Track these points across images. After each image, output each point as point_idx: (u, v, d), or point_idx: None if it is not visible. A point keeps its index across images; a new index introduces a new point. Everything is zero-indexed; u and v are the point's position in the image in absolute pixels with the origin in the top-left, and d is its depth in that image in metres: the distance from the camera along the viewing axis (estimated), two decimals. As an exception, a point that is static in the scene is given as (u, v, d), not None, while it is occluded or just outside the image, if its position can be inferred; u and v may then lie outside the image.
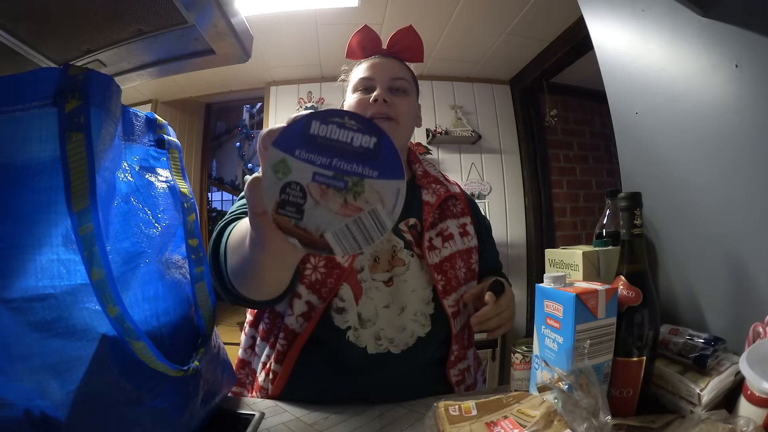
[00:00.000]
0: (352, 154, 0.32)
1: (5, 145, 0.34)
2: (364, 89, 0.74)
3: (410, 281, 0.66)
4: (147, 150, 0.51)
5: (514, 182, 2.96)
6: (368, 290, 0.65)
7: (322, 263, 0.64)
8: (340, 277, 0.63)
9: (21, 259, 0.34)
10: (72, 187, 0.34)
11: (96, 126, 0.36)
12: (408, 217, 0.72)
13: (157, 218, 0.48)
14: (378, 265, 0.66)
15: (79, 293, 0.35)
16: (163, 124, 0.53)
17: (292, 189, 0.31)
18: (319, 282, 0.63)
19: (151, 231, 0.46)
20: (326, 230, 0.32)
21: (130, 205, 0.45)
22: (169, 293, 0.47)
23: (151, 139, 0.51)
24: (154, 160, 0.51)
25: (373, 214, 0.32)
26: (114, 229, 0.42)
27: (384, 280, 0.66)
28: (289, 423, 0.55)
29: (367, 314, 0.64)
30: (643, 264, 0.52)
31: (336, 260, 0.64)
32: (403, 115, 0.74)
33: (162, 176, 0.51)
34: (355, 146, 0.32)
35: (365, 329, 0.63)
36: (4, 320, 0.34)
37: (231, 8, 0.58)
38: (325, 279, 0.63)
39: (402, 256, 0.67)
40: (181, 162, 0.54)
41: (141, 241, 0.45)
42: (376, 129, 0.32)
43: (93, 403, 0.37)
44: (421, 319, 0.65)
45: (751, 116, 0.53)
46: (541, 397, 0.48)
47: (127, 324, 0.35)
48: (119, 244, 0.42)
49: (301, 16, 2.14)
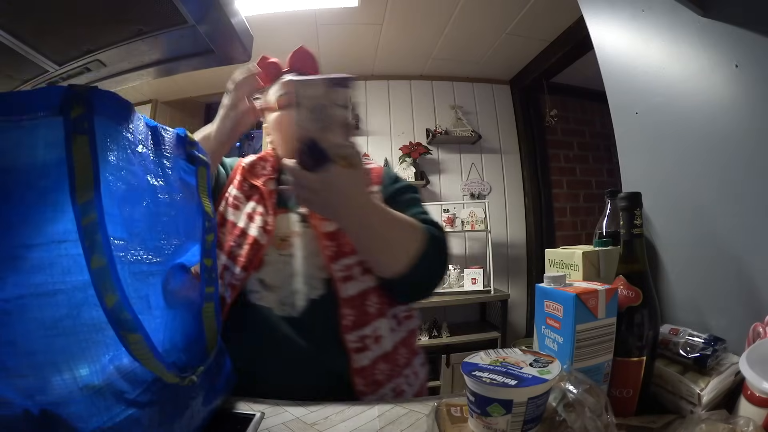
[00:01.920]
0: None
1: (11, 150, 0.35)
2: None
3: (303, 249, 0.72)
4: (180, 163, 0.52)
5: (514, 182, 2.96)
6: (272, 262, 0.72)
7: (243, 240, 0.73)
8: (259, 251, 0.71)
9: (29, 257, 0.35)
10: (76, 181, 0.34)
11: (101, 132, 0.37)
12: None
13: (182, 227, 0.50)
14: (287, 243, 0.74)
15: (89, 289, 0.35)
16: (193, 141, 0.55)
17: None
18: (240, 255, 0.72)
19: (173, 241, 0.48)
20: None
21: (160, 207, 0.46)
22: (178, 301, 0.48)
23: (182, 154, 0.53)
24: (185, 173, 0.53)
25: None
26: (140, 226, 0.43)
27: (289, 254, 0.73)
28: (289, 423, 0.55)
29: (272, 281, 0.71)
30: (643, 264, 0.52)
31: (254, 236, 0.72)
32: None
33: (189, 191, 0.53)
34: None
35: (269, 292, 0.70)
36: (13, 316, 0.34)
37: (231, 8, 0.58)
38: (246, 253, 0.71)
39: (297, 228, 0.74)
40: (208, 180, 0.55)
41: (163, 247, 0.46)
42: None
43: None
44: (313, 282, 0.70)
45: (751, 116, 0.53)
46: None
47: (125, 314, 0.35)
48: (148, 243, 0.43)
49: (301, 16, 2.14)
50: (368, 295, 0.70)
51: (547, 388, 0.40)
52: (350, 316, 0.67)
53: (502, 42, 2.48)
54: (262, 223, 0.74)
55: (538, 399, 0.40)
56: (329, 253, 0.70)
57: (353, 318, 0.67)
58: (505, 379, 0.40)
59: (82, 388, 0.36)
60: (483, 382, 0.40)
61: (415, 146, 2.84)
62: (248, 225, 0.75)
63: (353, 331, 0.67)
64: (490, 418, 0.40)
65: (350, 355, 0.66)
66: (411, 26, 2.29)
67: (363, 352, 0.67)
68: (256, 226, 0.74)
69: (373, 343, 0.68)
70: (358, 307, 0.68)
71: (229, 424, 0.54)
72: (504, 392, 0.39)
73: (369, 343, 0.67)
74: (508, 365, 0.43)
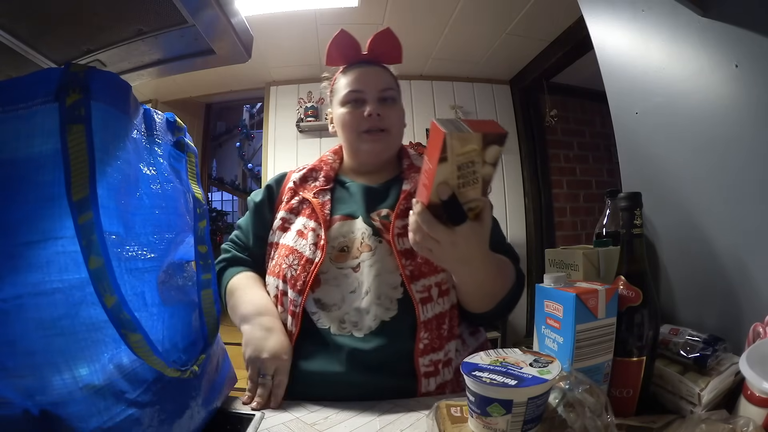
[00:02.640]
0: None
1: (10, 141, 0.35)
2: (354, 101, 0.78)
3: (375, 266, 0.67)
4: (170, 150, 0.51)
5: (514, 182, 2.96)
6: (330, 279, 0.67)
7: (295, 261, 0.68)
8: (312, 271, 0.66)
9: (26, 255, 0.34)
10: (72, 177, 0.34)
11: (98, 118, 0.36)
12: (382, 208, 0.73)
13: (174, 219, 0.49)
14: (346, 254, 0.69)
15: (87, 287, 0.35)
16: (182, 127, 0.54)
17: None
18: (294, 278, 0.67)
19: (167, 234, 0.47)
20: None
21: (153, 200, 0.45)
22: (175, 296, 0.48)
23: (170, 140, 0.52)
24: (174, 161, 0.52)
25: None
26: (134, 219, 0.42)
27: (352, 267, 0.68)
28: (289, 423, 0.55)
29: (330, 299, 0.66)
30: (643, 264, 0.52)
31: (306, 256, 0.68)
32: (395, 126, 0.80)
33: (179, 179, 0.52)
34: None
35: (328, 312, 0.66)
36: (11, 316, 0.34)
37: (231, 8, 0.58)
38: (299, 275, 0.67)
39: (369, 242, 0.69)
40: (196, 167, 0.55)
41: (157, 242, 0.45)
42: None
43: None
44: (385, 302, 0.65)
45: (751, 116, 0.53)
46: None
47: (124, 314, 0.35)
48: (142, 237, 0.43)
49: (301, 16, 2.14)
50: (444, 317, 0.66)
51: (547, 388, 0.40)
52: (426, 340, 0.64)
53: (502, 42, 2.48)
54: (314, 238, 0.69)
55: (538, 399, 0.40)
56: (408, 273, 0.66)
57: (428, 341, 0.64)
58: (505, 379, 0.40)
59: (82, 388, 0.36)
60: (483, 382, 0.40)
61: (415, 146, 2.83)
62: (298, 242, 0.70)
63: (427, 355, 0.64)
64: (490, 418, 0.40)
65: (420, 380, 0.63)
66: (411, 26, 2.29)
67: (433, 377, 0.64)
68: (307, 243, 0.69)
69: (443, 367, 0.65)
70: (434, 330, 0.65)
71: (229, 424, 0.54)
72: (504, 392, 0.39)
73: (440, 367, 0.65)
74: (508, 365, 0.43)
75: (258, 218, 0.80)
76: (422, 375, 0.63)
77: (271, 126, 2.89)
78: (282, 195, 0.80)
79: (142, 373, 0.41)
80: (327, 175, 0.79)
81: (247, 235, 0.81)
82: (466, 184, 0.54)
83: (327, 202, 0.74)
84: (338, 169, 0.83)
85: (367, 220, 0.71)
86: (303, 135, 2.85)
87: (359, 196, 0.75)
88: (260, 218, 0.80)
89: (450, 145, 0.51)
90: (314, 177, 0.79)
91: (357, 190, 0.76)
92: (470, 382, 0.41)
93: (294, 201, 0.76)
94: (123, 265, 0.40)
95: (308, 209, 0.74)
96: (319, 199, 0.74)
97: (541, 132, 2.96)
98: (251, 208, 0.82)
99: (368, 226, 0.70)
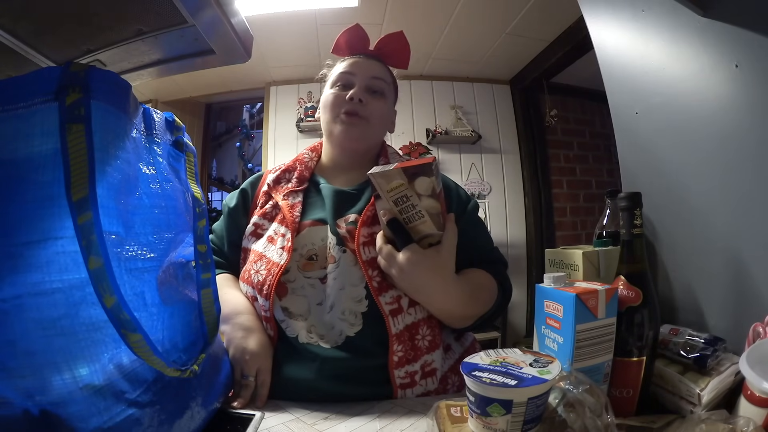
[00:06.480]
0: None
1: (9, 141, 0.35)
2: (342, 85, 0.76)
3: (339, 278, 0.64)
4: (169, 149, 0.51)
5: (514, 182, 2.96)
6: (297, 288, 0.65)
7: (263, 266, 0.67)
8: (276, 274, 0.65)
9: (26, 255, 0.34)
10: (71, 177, 0.34)
11: (98, 118, 0.36)
12: (350, 213, 0.70)
13: (173, 218, 0.49)
14: (314, 263, 0.66)
15: (87, 287, 0.35)
16: (180, 126, 0.54)
17: None
18: (260, 282, 0.66)
19: (166, 234, 0.47)
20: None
21: (152, 199, 0.45)
22: (174, 296, 0.48)
23: (169, 139, 0.52)
24: (173, 160, 0.52)
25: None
26: (134, 219, 0.42)
27: (320, 277, 0.66)
28: (289, 423, 0.55)
29: (297, 309, 0.65)
30: (643, 264, 0.52)
31: (273, 261, 0.66)
32: (376, 117, 0.76)
33: (178, 178, 0.52)
34: None
35: (295, 321, 0.64)
36: (11, 316, 0.34)
37: (231, 8, 0.58)
38: (265, 279, 0.65)
39: (333, 252, 0.66)
40: (195, 166, 0.55)
41: (156, 241, 0.45)
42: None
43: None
44: (350, 318, 0.63)
45: (751, 116, 0.53)
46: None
47: (123, 315, 0.34)
48: (141, 237, 0.43)
49: (301, 16, 2.14)
50: (417, 327, 0.64)
51: (547, 388, 0.40)
52: (400, 352, 0.62)
53: (502, 42, 2.48)
54: (282, 243, 0.67)
55: (538, 399, 0.40)
56: (375, 284, 0.63)
57: (402, 353, 0.62)
58: (505, 379, 0.40)
59: (82, 388, 0.36)
60: (483, 382, 0.40)
61: (415, 146, 2.84)
62: (267, 248, 0.68)
63: (402, 367, 0.62)
64: (490, 418, 0.40)
65: (396, 390, 0.62)
66: (411, 26, 2.29)
67: (410, 388, 0.62)
68: (275, 248, 0.67)
69: (423, 378, 0.63)
70: (407, 341, 0.62)
71: (229, 424, 0.54)
72: (504, 392, 0.39)
73: (417, 378, 0.62)
74: (508, 365, 0.43)
75: (232, 224, 0.78)
76: (398, 387, 0.61)
77: (271, 126, 2.89)
78: (257, 199, 0.77)
79: (142, 373, 0.41)
80: (300, 176, 0.76)
81: (221, 240, 0.79)
82: (412, 219, 0.58)
83: (297, 205, 0.71)
84: (314, 168, 0.80)
85: (332, 227, 0.68)
86: (303, 135, 2.85)
87: (329, 199, 0.72)
88: (234, 224, 0.78)
89: (377, 184, 0.56)
90: (287, 178, 0.76)
91: (328, 194, 0.73)
92: (470, 382, 0.41)
93: (268, 206, 0.74)
94: (123, 265, 0.40)
95: (281, 214, 0.71)
96: (288, 201, 0.71)
97: (541, 132, 2.96)
98: (225, 213, 0.80)
99: (333, 234, 0.67)
